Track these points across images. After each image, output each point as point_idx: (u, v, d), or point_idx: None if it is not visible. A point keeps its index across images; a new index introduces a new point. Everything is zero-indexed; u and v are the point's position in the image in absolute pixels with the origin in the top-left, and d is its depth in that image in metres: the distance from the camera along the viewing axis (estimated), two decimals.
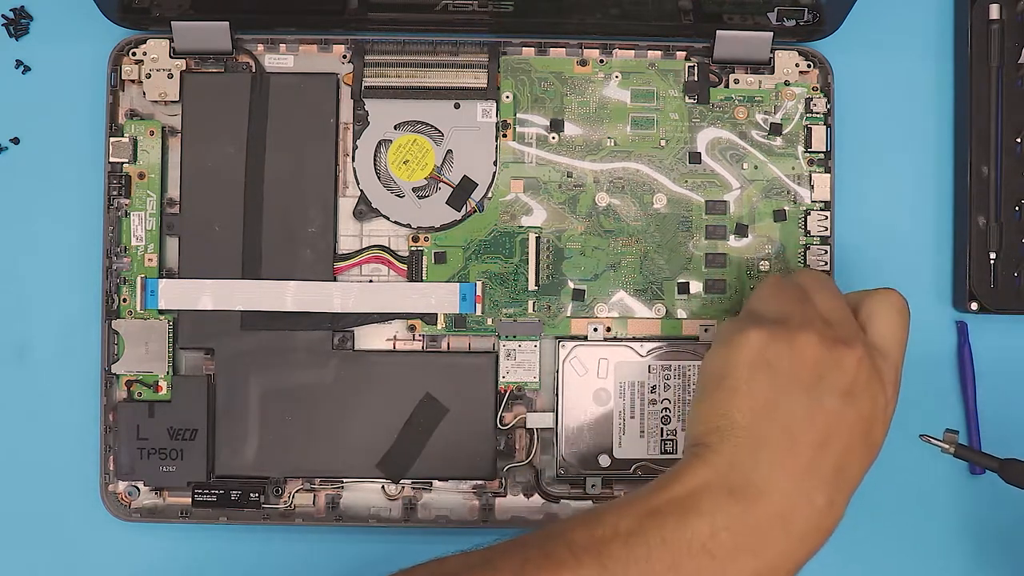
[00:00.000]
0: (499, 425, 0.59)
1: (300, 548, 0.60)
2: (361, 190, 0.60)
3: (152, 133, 0.59)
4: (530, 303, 0.60)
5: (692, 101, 0.60)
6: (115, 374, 0.59)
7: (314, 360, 0.59)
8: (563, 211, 0.60)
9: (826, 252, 0.60)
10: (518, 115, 0.60)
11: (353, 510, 0.59)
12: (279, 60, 0.60)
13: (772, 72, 0.60)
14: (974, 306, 0.60)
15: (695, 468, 0.48)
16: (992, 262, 0.60)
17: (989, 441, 0.61)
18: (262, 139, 0.59)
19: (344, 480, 0.59)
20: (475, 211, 0.60)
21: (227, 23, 0.59)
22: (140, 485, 0.59)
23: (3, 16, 0.61)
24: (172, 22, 0.58)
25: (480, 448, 0.59)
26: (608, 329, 0.60)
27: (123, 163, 0.59)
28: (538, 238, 0.60)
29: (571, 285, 0.60)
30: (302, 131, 0.59)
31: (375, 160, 0.60)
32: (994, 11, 0.60)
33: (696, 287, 0.60)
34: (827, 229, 0.60)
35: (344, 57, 0.60)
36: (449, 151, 0.60)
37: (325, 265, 0.59)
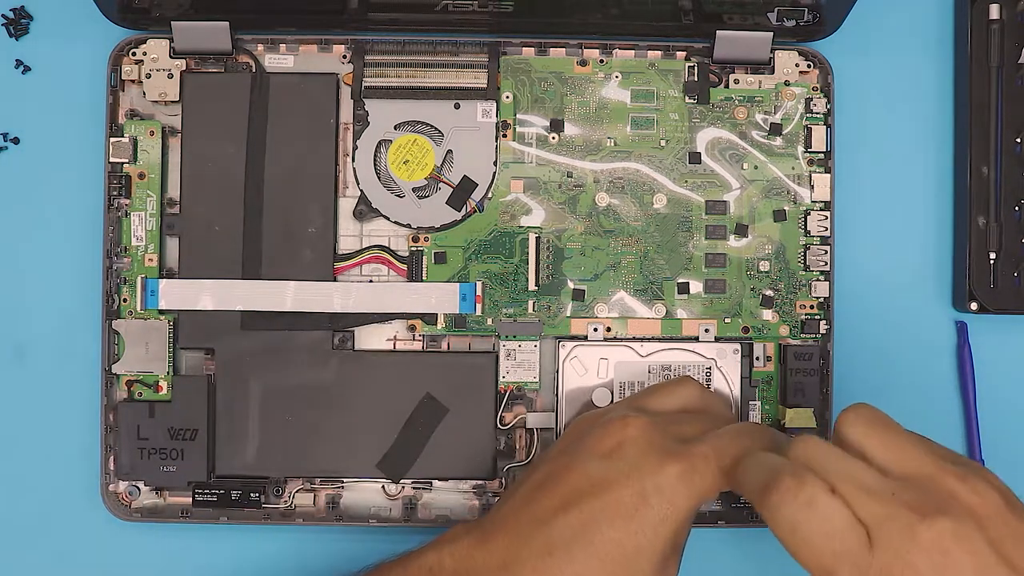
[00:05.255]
0: (499, 425, 0.59)
1: (300, 548, 0.60)
2: (361, 190, 0.60)
3: (152, 133, 0.59)
4: (530, 303, 0.60)
5: (692, 101, 0.60)
6: (115, 374, 0.59)
7: (314, 360, 0.59)
8: (563, 211, 0.60)
9: (826, 252, 0.60)
10: (518, 115, 0.60)
11: (353, 510, 0.59)
12: (279, 60, 0.60)
13: (772, 72, 0.60)
14: (974, 306, 0.60)
15: None
16: (992, 262, 0.60)
17: (989, 441, 0.61)
18: (262, 139, 0.59)
19: (344, 480, 0.59)
20: (475, 211, 0.60)
21: (227, 23, 0.58)
22: (140, 485, 0.59)
23: (3, 16, 0.61)
24: (172, 22, 0.58)
25: (480, 448, 0.59)
26: (608, 329, 0.60)
27: (123, 163, 0.59)
28: (538, 238, 0.60)
29: (571, 285, 0.60)
30: (302, 131, 0.59)
31: (375, 160, 0.60)
32: (994, 11, 0.60)
33: (696, 287, 0.60)
34: (827, 229, 0.60)
35: (344, 57, 0.60)
36: (449, 151, 0.60)
37: (325, 265, 0.59)
